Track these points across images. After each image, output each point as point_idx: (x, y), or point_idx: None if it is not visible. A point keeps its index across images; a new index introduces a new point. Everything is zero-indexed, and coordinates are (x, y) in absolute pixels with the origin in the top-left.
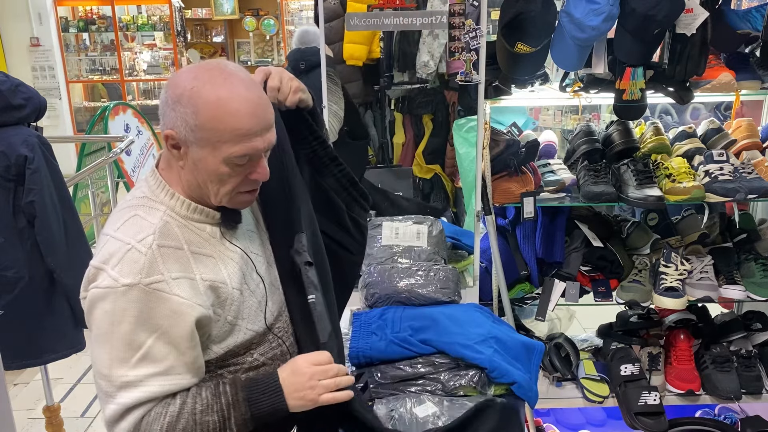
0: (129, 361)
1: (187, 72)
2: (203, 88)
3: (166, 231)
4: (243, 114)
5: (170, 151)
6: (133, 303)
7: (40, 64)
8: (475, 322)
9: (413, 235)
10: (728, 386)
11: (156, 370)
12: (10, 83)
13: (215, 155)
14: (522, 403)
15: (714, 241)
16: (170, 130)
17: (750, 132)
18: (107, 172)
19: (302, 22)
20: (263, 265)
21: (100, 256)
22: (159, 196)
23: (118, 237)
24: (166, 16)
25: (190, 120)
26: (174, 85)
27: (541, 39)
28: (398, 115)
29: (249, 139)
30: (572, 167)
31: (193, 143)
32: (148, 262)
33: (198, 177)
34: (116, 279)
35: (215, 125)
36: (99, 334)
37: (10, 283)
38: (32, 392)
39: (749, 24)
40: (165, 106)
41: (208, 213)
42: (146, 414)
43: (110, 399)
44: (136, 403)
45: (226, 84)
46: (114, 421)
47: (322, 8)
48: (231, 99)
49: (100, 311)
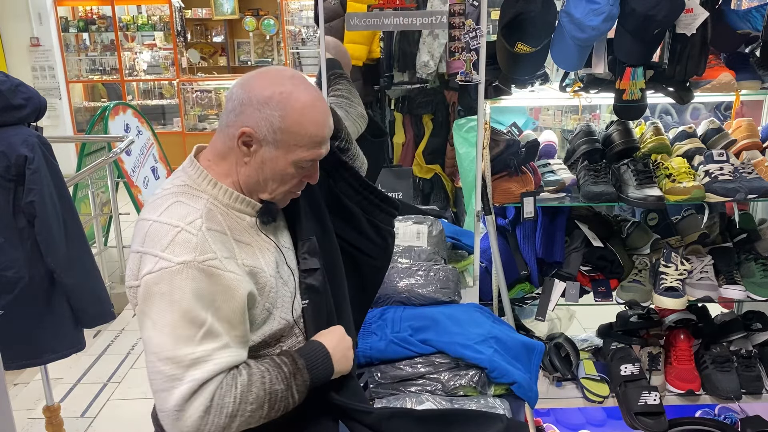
0: (194, 339)
1: (270, 76)
2: (292, 94)
3: (211, 216)
4: (322, 123)
5: (239, 147)
6: (189, 280)
7: (40, 64)
8: (475, 322)
9: (413, 235)
10: (728, 386)
11: (219, 344)
12: (10, 83)
13: (287, 157)
14: (522, 404)
15: (714, 241)
16: (249, 128)
17: (750, 132)
18: (107, 172)
19: (302, 22)
20: (293, 259)
21: (145, 241)
22: (201, 185)
23: (163, 221)
24: (166, 16)
25: (275, 122)
26: (260, 87)
27: (541, 39)
28: (398, 115)
29: (319, 146)
30: (572, 167)
31: (270, 143)
32: (200, 242)
33: (261, 175)
34: (170, 259)
35: (298, 130)
36: (158, 317)
37: (10, 283)
38: (32, 392)
39: (749, 24)
40: (246, 105)
41: (249, 203)
42: (218, 387)
43: (178, 381)
44: (210, 376)
45: (308, 92)
46: (185, 401)
47: (322, 8)
48: (315, 108)
49: (157, 295)
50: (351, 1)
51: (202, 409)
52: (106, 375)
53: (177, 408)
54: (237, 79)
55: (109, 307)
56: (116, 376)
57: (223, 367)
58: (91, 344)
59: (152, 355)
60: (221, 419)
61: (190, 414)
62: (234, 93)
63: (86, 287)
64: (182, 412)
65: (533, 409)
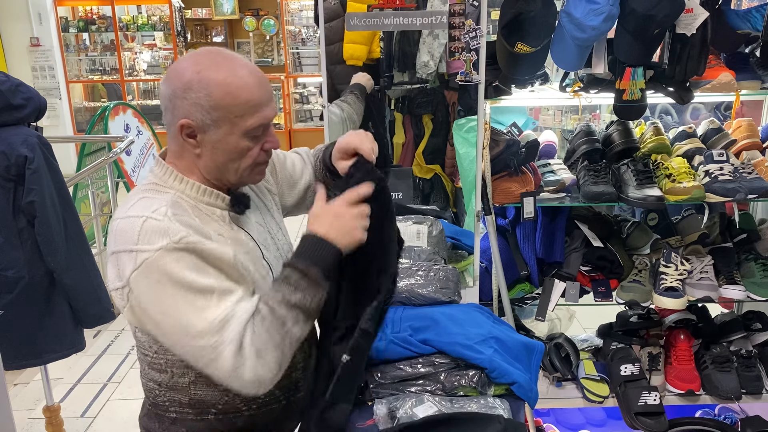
0: (212, 304)
1: (187, 60)
2: (209, 70)
3: (178, 206)
4: (252, 86)
5: (186, 142)
6: (176, 261)
7: (40, 64)
8: (475, 322)
9: (413, 235)
10: (728, 386)
11: (236, 297)
12: (10, 83)
13: (233, 132)
14: (522, 404)
15: (714, 241)
16: (185, 119)
17: (750, 132)
18: (107, 172)
19: (302, 22)
20: (272, 256)
21: (116, 240)
22: (167, 181)
23: (129, 215)
24: (166, 16)
25: (204, 103)
26: (178, 76)
27: (541, 39)
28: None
29: (261, 109)
30: (572, 167)
31: (210, 126)
32: (168, 226)
33: (218, 159)
34: (147, 249)
35: (230, 101)
36: (167, 305)
37: (10, 283)
38: (32, 392)
39: (749, 24)
40: (173, 98)
41: (218, 195)
42: (252, 333)
43: (222, 345)
44: (243, 326)
45: (228, 63)
46: (236, 357)
47: (322, 8)
48: (238, 74)
49: (154, 286)
50: (351, 1)
51: (254, 357)
52: (106, 375)
53: (234, 367)
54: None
55: (109, 307)
56: (116, 376)
57: (249, 316)
58: (91, 344)
59: (182, 339)
60: (271, 355)
61: (248, 366)
62: (162, 92)
63: (86, 287)
64: (240, 368)
65: (533, 409)
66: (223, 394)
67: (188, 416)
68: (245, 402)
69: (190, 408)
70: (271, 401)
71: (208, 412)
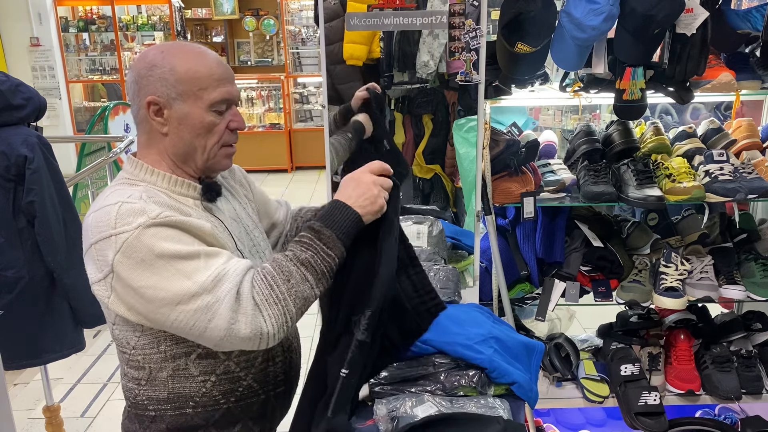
0: (201, 265)
1: (154, 47)
2: (172, 47)
3: (152, 194)
4: (213, 63)
5: (153, 121)
6: (155, 236)
7: (40, 64)
8: (475, 322)
9: (413, 235)
10: (728, 386)
11: (225, 257)
12: (10, 83)
13: (199, 105)
14: (522, 404)
15: (714, 241)
16: (152, 96)
17: (750, 132)
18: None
19: (302, 22)
20: (247, 250)
21: (91, 232)
22: (138, 175)
23: (104, 204)
24: (166, 16)
25: (169, 76)
26: (142, 59)
27: (541, 39)
28: (398, 115)
29: (224, 84)
30: (572, 167)
31: (175, 99)
32: (144, 206)
33: (185, 136)
34: (126, 229)
35: (193, 74)
36: (157, 278)
37: (10, 283)
38: (32, 392)
39: (749, 24)
40: (139, 80)
41: (189, 185)
42: (252, 287)
43: (216, 303)
44: (238, 281)
45: (189, 45)
46: (234, 312)
47: (322, 8)
48: (200, 51)
49: (139, 263)
50: (351, 1)
51: (252, 310)
52: (106, 375)
53: (231, 322)
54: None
55: None
56: (116, 376)
57: (243, 270)
58: (91, 344)
59: (179, 307)
60: (273, 309)
61: (244, 321)
62: (128, 81)
63: (86, 287)
64: (236, 324)
65: (533, 409)
66: (201, 386)
67: (167, 412)
68: (223, 394)
69: (168, 403)
70: (250, 395)
71: (186, 406)
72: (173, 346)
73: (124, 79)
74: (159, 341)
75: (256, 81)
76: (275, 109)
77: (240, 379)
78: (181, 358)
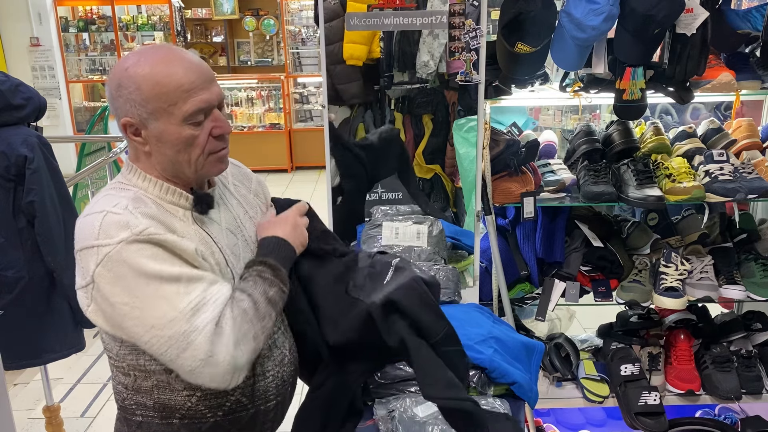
0: (181, 290)
1: (122, 60)
2: (136, 65)
3: (140, 202)
4: (180, 72)
5: (133, 140)
6: (136, 253)
7: (40, 64)
8: (475, 322)
9: (413, 235)
10: (728, 386)
11: (206, 283)
12: (10, 83)
13: (172, 121)
14: (522, 404)
15: (714, 241)
16: (125, 118)
17: (750, 132)
18: (107, 172)
19: (302, 22)
20: (238, 263)
21: (79, 239)
22: (131, 180)
23: (91, 212)
24: (166, 16)
25: (136, 97)
26: (111, 77)
27: (541, 39)
28: (398, 115)
29: (196, 93)
30: (572, 167)
31: (147, 119)
32: (129, 218)
33: (166, 153)
34: (108, 243)
35: (159, 90)
36: (135, 296)
37: (10, 283)
38: (32, 392)
39: (749, 24)
40: (111, 99)
41: (181, 194)
42: (233, 319)
43: (193, 333)
44: (218, 312)
45: (156, 53)
46: (212, 345)
47: (322, 8)
48: (165, 62)
49: (119, 279)
50: (351, 1)
51: (232, 344)
52: (106, 375)
53: (208, 354)
54: None
55: None
56: None
57: (224, 300)
58: (91, 344)
59: (153, 330)
60: (249, 345)
61: (223, 352)
62: (106, 93)
63: None
64: (214, 356)
65: (533, 409)
66: (186, 400)
67: (154, 420)
68: (210, 409)
69: (155, 412)
70: (238, 408)
71: (173, 416)
72: (153, 362)
73: None
74: (139, 354)
75: (256, 81)
76: (275, 109)
77: (227, 394)
78: (162, 374)
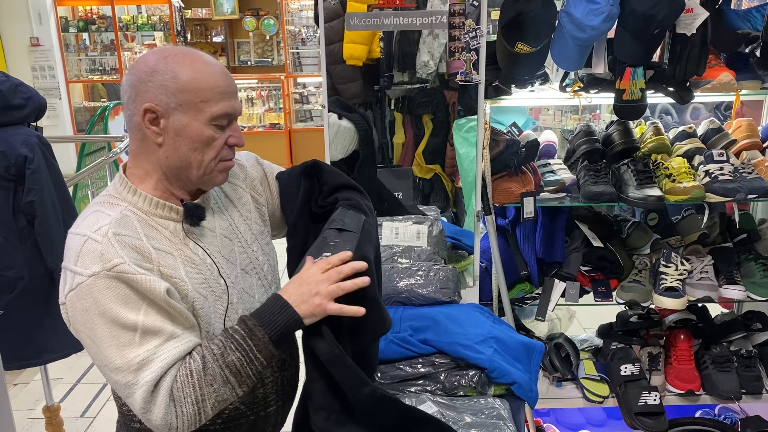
0: (134, 342)
1: (158, 50)
2: (176, 54)
3: (124, 222)
4: (218, 74)
5: (148, 130)
6: (106, 290)
7: (40, 64)
8: (475, 322)
9: (413, 235)
10: (728, 386)
11: (161, 339)
12: (10, 83)
13: (199, 118)
14: (522, 404)
15: (714, 241)
16: (149, 103)
17: (750, 132)
18: (107, 172)
19: (302, 22)
20: (237, 271)
21: (66, 256)
22: (122, 193)
23: (76, 232)
24: (166, 16)
25: (170, 84)
26: (143, 63)
27: (541, 39)
28: (398, 115)
29: (228, 98)
30: (572, 167)
31: (175, 110)
32: (105, 249)
33: (181, 149)
34: (82, 273)
35: (197, 85)
36: (93, 333)
37: (10, 283)
38: (32, 392)
39: (749, 24)
40: (138, 84)
41: (171, 208)
42: (174, 381)
43: (134, 386)
44: (161, 373)
45: (195, 53)
46: (147, 402)
47: (322, 8)
48: (205, 61)
49: (83, 312)
50: (351, 1)
51: (165, 405)
52: None
53: (143, 410)
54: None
55: None
56: None
57: (172, 360)
58: None
59: (103, 368)
60: (189, 408)
61: (156, 412)
62: (123, 84)
63: None
64: (149, 413)
65: (533, 409)
66: None
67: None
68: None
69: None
70: (237, 416)
71: None
72: None
73: None
74: None
75: (256, 81)
76: (275, 109)
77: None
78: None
